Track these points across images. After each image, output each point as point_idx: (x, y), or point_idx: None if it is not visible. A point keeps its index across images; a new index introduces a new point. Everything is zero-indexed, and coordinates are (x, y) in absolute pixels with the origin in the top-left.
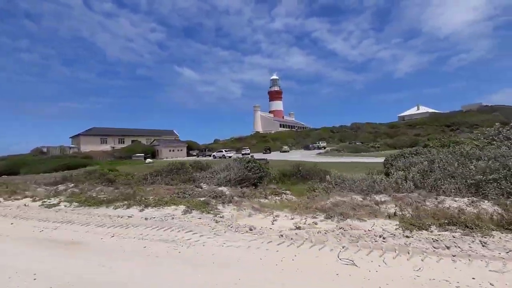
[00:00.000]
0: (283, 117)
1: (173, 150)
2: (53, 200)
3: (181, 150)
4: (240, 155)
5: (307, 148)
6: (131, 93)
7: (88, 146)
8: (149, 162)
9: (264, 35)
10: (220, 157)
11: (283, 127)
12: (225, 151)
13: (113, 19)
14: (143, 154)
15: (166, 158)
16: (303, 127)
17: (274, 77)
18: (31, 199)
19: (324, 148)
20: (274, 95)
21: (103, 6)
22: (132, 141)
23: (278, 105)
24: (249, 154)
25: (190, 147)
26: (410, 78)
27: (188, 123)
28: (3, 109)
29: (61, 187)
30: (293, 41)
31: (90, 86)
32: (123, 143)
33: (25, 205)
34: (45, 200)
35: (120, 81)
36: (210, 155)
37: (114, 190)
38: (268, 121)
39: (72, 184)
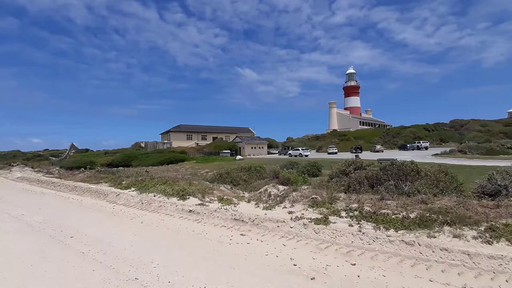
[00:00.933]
0: (360, 114)
1: (255, 148)
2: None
3: (262, 147)
4: (319, 153)
5: (404, 148)
6: (195, 95)
7: (177, 142)
8: (240, 159)
9: (323, 30)
10: (296, 156)
11: (364, 124)
12: (302, 149)
13: (182, 27)
14: (229, 151)
15: (248, 155)
16: (384, 125)
17: (350, 71)
18: (249, 202)
19: (426, 148)
20: (350, 91)
21: (174, 17)
22: (213, 138)
23: (355, 101)
24: (360, 153)
25: (270, 145)
26: (503, 68)
27: (247, 122)
28: (98, 110)
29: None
30: (356, 34)
31: (161, 89)
32: (205, 139)
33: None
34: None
35: (186, 84)
36: (288, 154)
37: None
38: (345, 119)
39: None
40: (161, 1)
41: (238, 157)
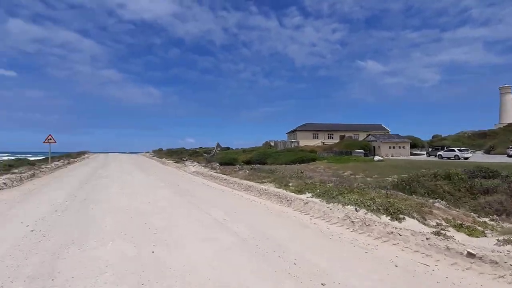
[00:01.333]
0: None
1: (393, 147)
2: None
3: (403, 147)
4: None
5: None
6: (314, 94)
7: (304, 141)
8: (379, 160)
9: None
10: (449, 158)
11: None
12: (459, 149)
13: (300, 30)
14: (362, 150)
15: (386, 155)
16: None
17: None
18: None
19: None
20: None
21: (292, 21)
22: (340, 136)
23: None
24: None
25: (413, 144)
26: None
27: (371, 118)
28: (231, 114)
29: None
30: None
31: (281, 92)
32: (332, 138)
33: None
34: None
35: (305, 84)
36: (437, 155)
37: None
38: None
39: None
40: (280, 8)
41: (377, 157)
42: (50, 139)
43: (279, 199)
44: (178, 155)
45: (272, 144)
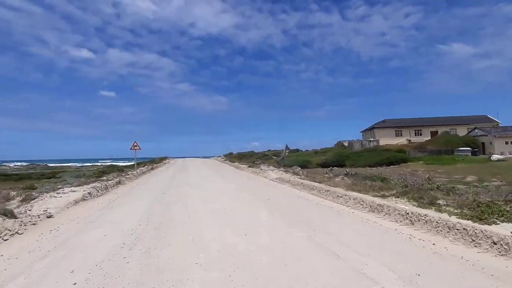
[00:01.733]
0: None
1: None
2: None
3: None
4: None
5: None
6: (384, 88)
7: (384, 139)
8: (499, 159)
9: None
10: None
11: None
12: None
13: (365, 20)
14: (469, 148)
15: (502, 153)
16: None
17: None
18: None
19: None
20: None
21: (356, 12)
22: (431, 132)
23: None
24: None
25: None
26: None
27: (459, 110)
28: (293, 116)
29: None
30: None
31: (346, 89)
32: (420, 134)
33: None
34: None
35: (373, 79)
36: None
37: None
38: None
39: None
40: (342, 1)
41: (495, 156)
42: (136, 146)
43: (468, 237)
44: (247, 158)
45: (346, 144)
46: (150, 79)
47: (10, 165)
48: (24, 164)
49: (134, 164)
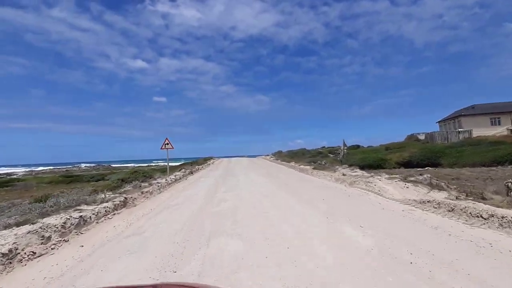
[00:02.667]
0: None
1: None
2: None
3: None
4: None
5: None
6: (443, 77)
7: (477, 130)
8: None
9: None
10: None
11: None
12: None
13: (418, 3)
14: None
15: None
16: None
17: None
18: None
19: None
20: None
21: None
22: None
23: None
24: None
25: None
26: None
27: None
28: (337, 113)
29: None
30: None
31: (398, 80)
32: None
33: None
34: None
35: (429, 67)
36: None
37: None
38: None
39: None
40: None
41: None
42: (167, 143)
43: None
44: (299, 157)
45: (422, 137)
46: (196, 83)
47: (82, 166)
48: (92, 165)
49: (167, 168)
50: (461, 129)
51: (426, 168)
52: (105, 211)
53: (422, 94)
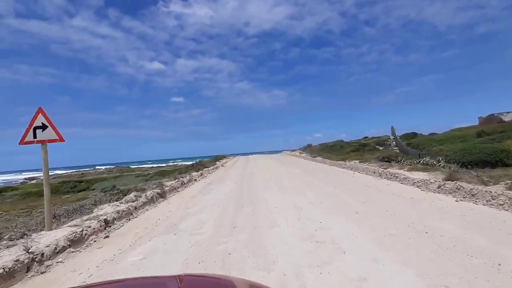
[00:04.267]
0: None
1: None
2: None
3: None
4: None
5: None
6: (469, 60)
7: None
8: None
9: None
10: None
11: None
12: None
13: None
14: None
15: None
16: None
17: None
18: None
19: None
20: None
21: None
22: None
23: None
24: None
25: None
26: None
27: None
28: (357, 103)
29: None
30: None
31: (419, 66)
32: None
33: None
34: None
35: (453, 51)
36: None
37: None
38: None
39: None
40: None
41: None
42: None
43: None
44: (338, 151)
45: (507, 118)
46: (212, 82)
47: (102, 168)
48: (112, 166)
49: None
50: None
51: None
52: None
53: (444, 81)
